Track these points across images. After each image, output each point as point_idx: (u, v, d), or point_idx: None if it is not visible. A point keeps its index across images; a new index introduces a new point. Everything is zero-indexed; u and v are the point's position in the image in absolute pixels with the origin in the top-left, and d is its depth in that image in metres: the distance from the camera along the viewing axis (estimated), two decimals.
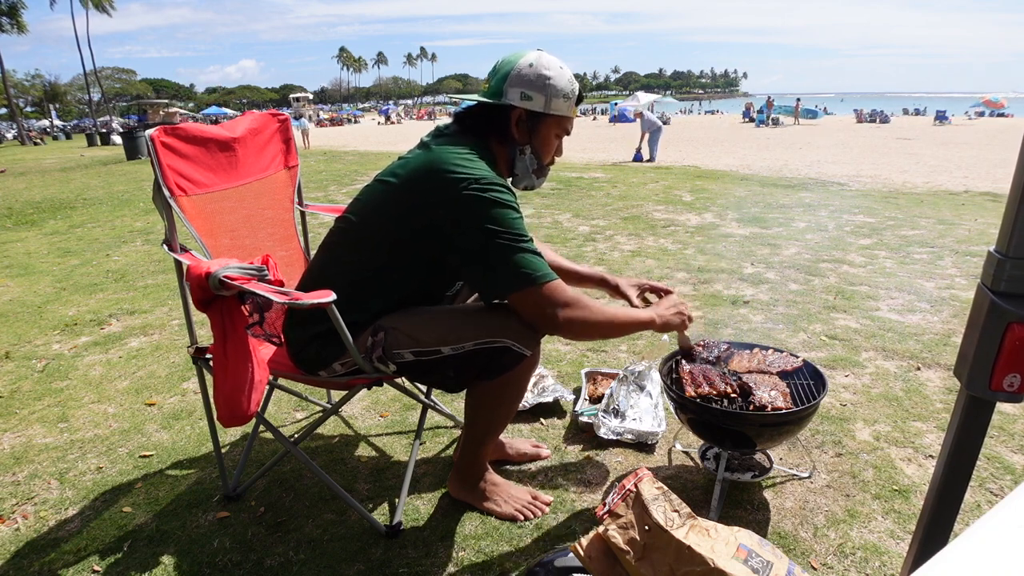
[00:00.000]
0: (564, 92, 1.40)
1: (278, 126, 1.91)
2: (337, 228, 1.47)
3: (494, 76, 1.41)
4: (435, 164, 1.31)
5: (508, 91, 1.38)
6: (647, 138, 11.86)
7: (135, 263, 4.44)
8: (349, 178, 8.97)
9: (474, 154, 1.35)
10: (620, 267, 3.93)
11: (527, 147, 1.45)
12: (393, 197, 1.36)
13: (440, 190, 1.29)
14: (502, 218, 1.27)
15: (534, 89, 1.38)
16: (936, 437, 1.91)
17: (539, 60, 1.39)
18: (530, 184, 1.51)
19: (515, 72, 1.38)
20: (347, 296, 1.35)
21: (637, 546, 1.12)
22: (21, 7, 34.00)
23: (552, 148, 1.49)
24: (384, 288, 1.41)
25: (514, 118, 1.41)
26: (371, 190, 1.42)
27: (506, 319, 1.38)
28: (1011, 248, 0.81)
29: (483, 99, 1.41)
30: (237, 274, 1.31)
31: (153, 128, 1.52)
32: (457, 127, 1.44)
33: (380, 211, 1.38)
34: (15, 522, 1.64)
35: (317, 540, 1.53)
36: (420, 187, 1.32)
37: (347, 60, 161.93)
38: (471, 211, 1.27)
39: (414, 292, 1.43)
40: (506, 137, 1.43)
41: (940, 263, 3.87)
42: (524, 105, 1.39)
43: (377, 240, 1.38)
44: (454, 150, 1.34)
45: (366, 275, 1.40)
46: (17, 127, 34.02)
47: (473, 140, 1.39)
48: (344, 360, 1.42)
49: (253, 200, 1.81)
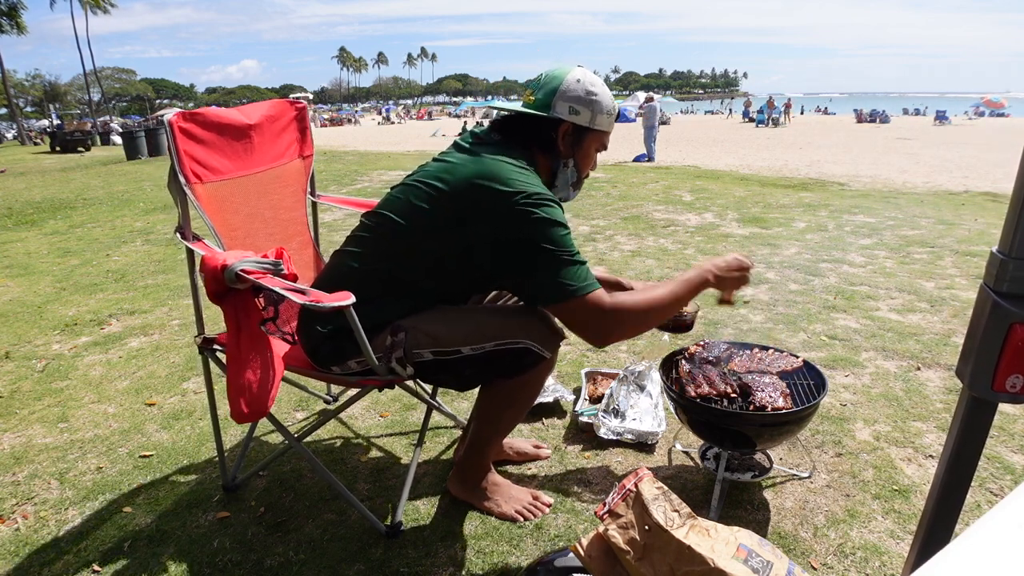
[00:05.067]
0: (607, 108, 1.44)
1: (295, 114, 1.89)
2: (370, 225, 1.44)
3: (540, 89, 1.42)
4: (488, 174, 1.30)
5: (557, 105, 1.40)
6: (643, 136, 11.90)
7: (135, 263, 4.44)
8: (349, 178, 8.97)
9: (527, 167, 1.35)
10: (620, 267, 3.93)
11: (571, 160, 1.46)
12: (440, 203, 1.33)
13: (492, 202, 1.28)
14: (552, 234, 1.26)
15: (582, 104, 1.40)
16: (936, 437, 1.91)
17: (585, 77, 1.42)
18: (566, 196, 1.51)
19: (564, 87, 1.40)
20: (374, 295, 1.35)
21: (637, 546, 1.12)
22: (21, 7, 33.97)
23: (591, 162, 1.51)
24: (414, 291, 1.39)
25: (561, 132, 1.42)
26: (414, 193, 1.37)
27: (527, 320, 1.38)
28: (1014, 248, 0.81)
29: (533, 111, 1.41)
30: (253, 268, 1.30)
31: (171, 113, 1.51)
32: (499, 136, 1.43)
33: (425, 216, 1.35)
34: (15, 522, 1.64)
35: (317, 540, 1.53)
36: (471, 196, 1.30)
37: (347, 60, 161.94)
38: (522, 225, 1.26)
39: (441, 295, 1.42)
40: (551, 149, 1.44)
41: (940, 263, 3.87)
42: (572, 119, 1.41)
43: (419, 245, 1.36)
44: (507, 161, 1.33)
45: (398, 277, 1.38)
46: (17, 127, 34.00)
47: (520, 151, 1.39)
48: (360, 359, 1.41)
49: (267, 188, 1.79)
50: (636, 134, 12.40)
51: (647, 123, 11.97)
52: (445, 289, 1.42)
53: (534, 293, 1.33)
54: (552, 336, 1.40)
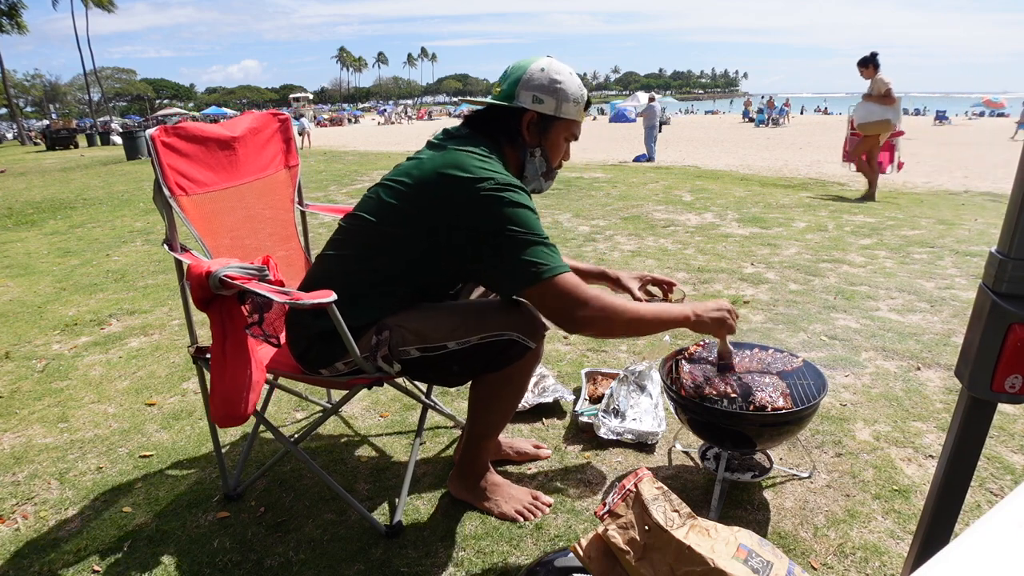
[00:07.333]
0: (574, 97, 1.43)
1: (278, 126, 1.91)
2: (346, 228, 1.46)
3: (505, 80, 1.43)
4: (451, 164, 1.32)
5: (520, 94, 1.41)
6: (643, 136, 11.91)
7: (135, 263, 4.44)
8: (349, 178, 8.97)
9: (490, 155, 1.36)
10: (620, 267, 3.93)
11: (537, 150, 1.47)
12: (408, 197, 1.35)
13: (456, 190, 1.29)
14: (518, 217, 1.27)
15: (546, 93, 1.40)
16: (936, 437, 1.91)
17: (550, 66, 1.42)
18: (538, 187, 1.52)
19: (527, 76, 1.40)
20: (356, 296, 1.36)
21: (637, 546, 1.12)
22: (21, 7, 33.97)
23: (561, 151, 1.51)
24: (394, 288, 1.40)
25: (526, 121, 1.43)
26: (385, 190, 1.40)
27: (511, 312, 1.39)
28: (1013, 249, 0.81)
29: (496, 101, 1.43)
30: (237, 274, 1.31)
31: (154, 128, 1.52)
32: (468, 129, 1.45)
33: (395, 212, 1.37)
34: (15, 522, 1.64)
35: (317, 540, 1.53)
36: (436, 187, 1.32)
37: (347, 60, 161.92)
38: (488, 210, 1.27)
39: (421, 291, 1.43)
40: (517, 140, 1.45)
41: (940, 263, 3.87)
42: (536, 108, 1.41)
43: (391, 241, 1.37)
44: (469, 151, 1.35)
45: (376, 275, 1.40)
46: (17, 127, 34.02)
47: (485, 142, 1.40)
48: (347, 359, 1.42)
49: (253, 200, 1.81)
50: (636, 134, 12.39)
51: (647, 123, 11.98)
52: (425, 284, 1.42)
53: (502, 279, 1.33)
54: (536, 326, 1.40)
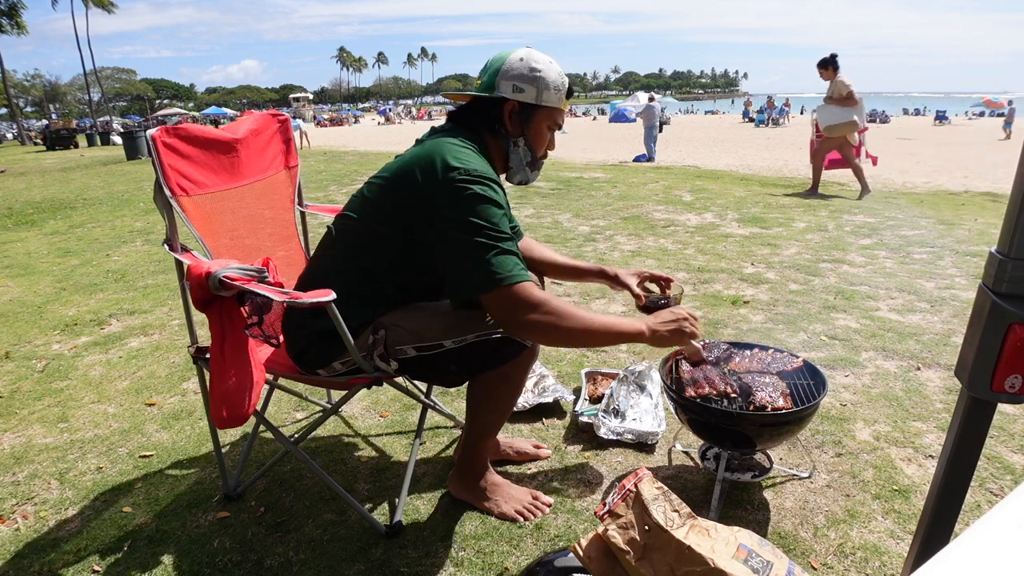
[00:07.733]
0: (555, 84, 1.44)
1: (278, 126, 1.92)
2: (336, 227, 1.48)
3: (486, 72, 1.45)
4: (427, 154, 1.33)
5: (500, 84, 1.41)
6: (643, 136, 11.90)
7: (135, 263, 4.44)
8: (349, 178, 8.97)
9: (471, 147, 1.37)
10: (620, 267, 3.92)
11: (520, 139, 1.47)
12: (387, 191, 1.38)
13: (427, 175, 1.30)
14: (483, 212, 1.26)
15: (525, 82, 1.41)
16: (936, 437, 1.91)
17: (529, 55, 1.43)
18: (524, 178, 1.53)
19: (506, 66, 1.41)
20: (349, 295, 1.36)
21: (637, 546, 1.12)
22: (21, 7, 33.96)
23: (545, 141, 1.51)
24: (381, 286, 1.41)
25: (507, 111, 1.43)
26: (368, 188, 1.43)
27: None
28: (1012, 249, 0.81)
29: (476, 93, 1.44)
30: (237, 275, 1.32)
31: (154, 128, 1.53)
32: (452, 124, 1.46)
33: (376, 208, 1.39)
34: (15, 522, 1.64)
35: (317, 540, 1.53)
36: (411, 175, 1.33)
37: (347, 60, 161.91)
38: (453, 198, 1.27)
39: (414, 289, 1.43)
40: (500, 130, 1.45)
41: (940, 263, 3.87)
42: (516, 97, 1.41)
43: (375, 236, 1.38)
44: (450, 141, 1.35)
45: (365, 274, 1.41)
46: (17, 127, 34.02)
47: (467, 134, 1.41)
48: (344, 359, 1.42)
49: (254, 200, 1.81)
50: (636, 134, 12.39)
51: (647, 123, 11.97)
52: (407, 282, 1.42)
53: (459, 280, 1.28)
54: None
